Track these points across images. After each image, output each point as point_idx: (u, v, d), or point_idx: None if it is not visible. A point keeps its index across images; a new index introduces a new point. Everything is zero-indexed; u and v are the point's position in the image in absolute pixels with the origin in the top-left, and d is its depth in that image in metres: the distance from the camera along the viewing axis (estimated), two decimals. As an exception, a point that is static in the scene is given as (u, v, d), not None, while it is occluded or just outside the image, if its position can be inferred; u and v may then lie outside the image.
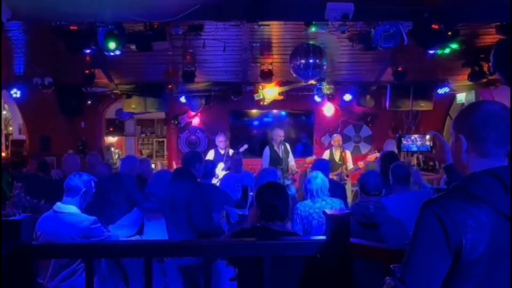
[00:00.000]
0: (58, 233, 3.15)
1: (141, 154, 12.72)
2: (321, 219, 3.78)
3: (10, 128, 12.88)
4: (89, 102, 9.15)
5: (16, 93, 8.08)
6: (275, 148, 7.76)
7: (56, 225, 3.18)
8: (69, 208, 3.24)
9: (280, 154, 7.71)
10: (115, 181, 4.67)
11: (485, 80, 7.26)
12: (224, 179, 6.39)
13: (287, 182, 7.40)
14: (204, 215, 3.97)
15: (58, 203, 3.29)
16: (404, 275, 1.40)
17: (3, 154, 10.98)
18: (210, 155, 8.05)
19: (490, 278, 1.34)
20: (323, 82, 8.23)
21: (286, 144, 7.91)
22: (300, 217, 3.94)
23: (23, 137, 10.79)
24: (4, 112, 12.41)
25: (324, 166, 5.08)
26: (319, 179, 4.07)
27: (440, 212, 1.36)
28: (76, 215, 3.24)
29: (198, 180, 4.41)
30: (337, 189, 4.79)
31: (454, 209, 1.35)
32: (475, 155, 1.46)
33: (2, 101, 10.69)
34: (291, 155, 7.89)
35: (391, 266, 1.57)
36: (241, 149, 8.32)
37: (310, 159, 8.19)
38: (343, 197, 5.03)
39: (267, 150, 7.80)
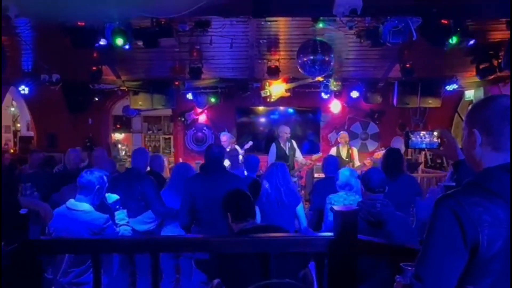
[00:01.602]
0: (70, 230, 3.17)
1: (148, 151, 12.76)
2: None
3: (18, 125, 12.98)
4: (96, 98, 9.18)
5: (24, 89, 8.12)
6: (282, 145, 7.75)
7: (69, 222, 3.19)
8: (82, 205, 3.25)
9: (287, 151, 7.69)
10: (127, 179, 4.65)
11: (494, 76, 7.19)
12: None
13: (293, 179, 7.38)
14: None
15: (72, 200, 3.30)
16: (420, 272, 1.38)
17: (11, 151, 11.06)
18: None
19: (508, 275, 1.32)
20: (330, 79, 8.19)
21: (293, 141, 7.90)
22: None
23: (31, 133, 10.86)
24: (12, 109, 12.51)
25: (333, 162, 5.08)
26: (356, 175, 4.13)
27: (456, 207, 1.33)
28: (90, 213, 3.24)
29: None
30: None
31: (470, 204, 1.33)
32: (490, 149, 1.44)
33: (11, 97, 10.76)
34: (298, 152, 7.87)
35: (401, 264, 1.55)
36: (246, 146, 8.32)
37: (316, 156, 8.17)
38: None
39: (273, 147, 7.79)
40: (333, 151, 8.22)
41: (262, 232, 2.75)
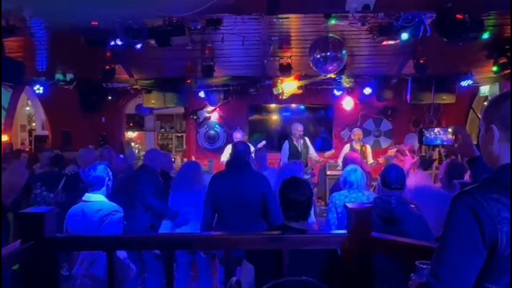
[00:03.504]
0: (84, 222, 3.34)
1: (161, 149, 12.85)
2: None
3: (34, 124, 13.17)
4: (110, 97, 9.27)
5: (39, 89, 8.24)
6: (295, 142, 7.73)
7: (84, 214, 3.37)
8: (96, 196, 3.45)
9: (299, 149, 7.68)
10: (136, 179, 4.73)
11: (509, 71, 7.07)
12: None
13: (306, 177, 7.36)
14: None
15: (87, 193, 3.49)
16: (437, 270, 1.35)
17: (27, 149, 11.23)
18: (228, 150, 8.07)
19: None
20: (342, 76, 8.15)
21: (306, 138, 7.88)
22: (335, 205, 3.93)
23: (46, 132, 11.01)
24: (27, 108, 12.70)
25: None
26: (359, 172, 4.07)
27: (474, 204, 1.31)
28: (102, 202, 3.45)
29: None
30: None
31: (489, 201, 1.30)
32: (508, 145, 1.41)
33: (26, 97, 10.91)
34: (311, 149, 7.85)
35: (416, 262, 1.54)
36: (259, 145, 8.31)
37: (329, 153, 8.13)
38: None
39: (286, 144, 7.79)
40: (346, 148, 8.18)
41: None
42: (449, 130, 2.30)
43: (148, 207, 4.55)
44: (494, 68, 6.88)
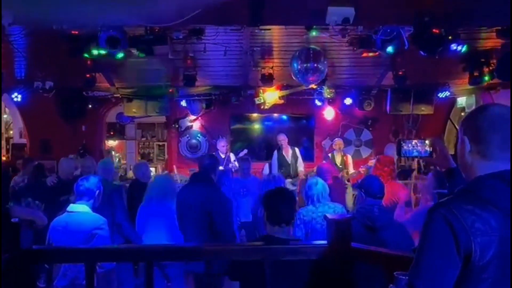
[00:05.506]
0: (68, 234, 3.27)
1: (142, 158, 12.73)
2: (324, 223, 3.79)
3: (11, 132, 12.90)
4: (90, 106, 9.15)
5: (17, 97, 8.09)
6: (283, 153, 7.80)
7: (68, 226, 3.31)
8: (81, 207, 3.38)
9: (288, 159, 7.73)
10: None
11: (485, 84, 7.26)
12: (230, 183, 6.39)
13: (293, 188, 7.38)
14: (227, 221, 3.99)
15: (71, 204, 3.43)
16: (414, 280, 1.38)
17: (4, 158, 10.98)
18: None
19: (502, 283, 1.33)
20: (323, 86, 8.23)
21: (296, 148, 7.96)
22: (303, 222, 3.94)
23: (24, 141, 10.79)
24: (5, 116, 12.43)
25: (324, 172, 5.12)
26: (320, 184, 4.10)
27: (449, 215, 1.34)
28: (88, 213, 3.38)
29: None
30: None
31: (463, 212, 1.34)
32: (479, 158, 1.46)
33: (3, 105, 10.69)
34: (300, 160, 7.91)
35: (394, 273, 1.56)
36: (241, 154, 8.33)
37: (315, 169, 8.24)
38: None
39: (275, 155, 7.86)
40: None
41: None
42: (426, 142, 2.35)
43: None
44: (470, 81, 7.06)
